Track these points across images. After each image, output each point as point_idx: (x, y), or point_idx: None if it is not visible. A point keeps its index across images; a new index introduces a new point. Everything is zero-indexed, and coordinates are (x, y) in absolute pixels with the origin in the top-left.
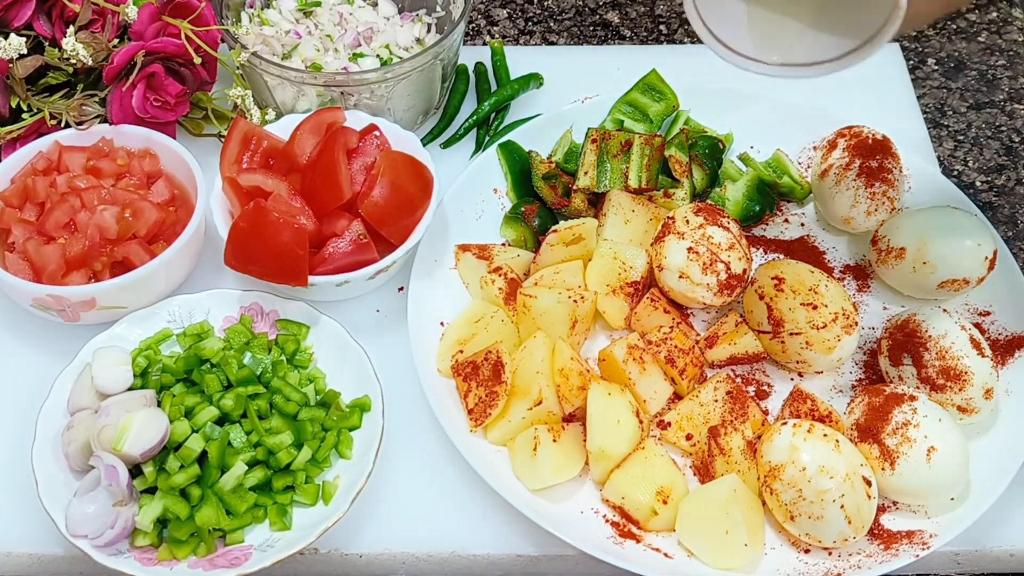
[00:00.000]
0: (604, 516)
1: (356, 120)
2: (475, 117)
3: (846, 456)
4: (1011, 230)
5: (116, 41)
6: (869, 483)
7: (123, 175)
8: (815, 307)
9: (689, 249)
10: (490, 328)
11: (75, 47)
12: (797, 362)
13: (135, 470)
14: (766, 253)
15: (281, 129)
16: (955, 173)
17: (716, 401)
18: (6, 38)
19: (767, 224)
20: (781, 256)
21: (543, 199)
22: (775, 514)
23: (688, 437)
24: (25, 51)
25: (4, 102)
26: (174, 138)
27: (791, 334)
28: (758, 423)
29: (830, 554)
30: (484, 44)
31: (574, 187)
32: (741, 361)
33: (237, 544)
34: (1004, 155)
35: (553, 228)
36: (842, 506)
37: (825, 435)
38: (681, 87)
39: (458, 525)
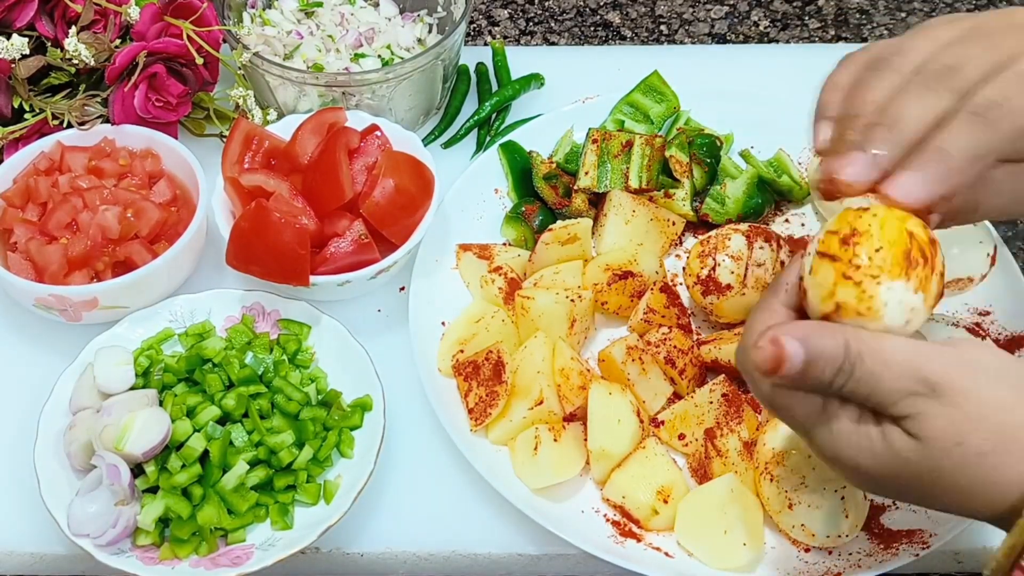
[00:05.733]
0: (605, 515)
1: (357, 120)
2: (476, 117)
3: None
4: (1011, 230)
5: (118, 41)
6: None
7: (125, 175)
8: None
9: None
10: (491, 328)
11: (77, 47)
12: None
13: (137, 469)
14: None
15: (282, 129)
16: None
17: (711, 403)
18: (8, 39)
19: (768, 224)
20: None
21: (544, 199)
22: (771, 504)
23: (680, 437)
24: (27, 51)
25: (6, 102)
26: (176, 138)
27: None
28: (753, 426)
29: (830, 553)
30: (485, 44)
31: (575, 187)
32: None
33: (239, 543)
34: None
35: (549, 227)
36: (843, 497)
37: None
38: (681, 87)
39: (459, 524)
